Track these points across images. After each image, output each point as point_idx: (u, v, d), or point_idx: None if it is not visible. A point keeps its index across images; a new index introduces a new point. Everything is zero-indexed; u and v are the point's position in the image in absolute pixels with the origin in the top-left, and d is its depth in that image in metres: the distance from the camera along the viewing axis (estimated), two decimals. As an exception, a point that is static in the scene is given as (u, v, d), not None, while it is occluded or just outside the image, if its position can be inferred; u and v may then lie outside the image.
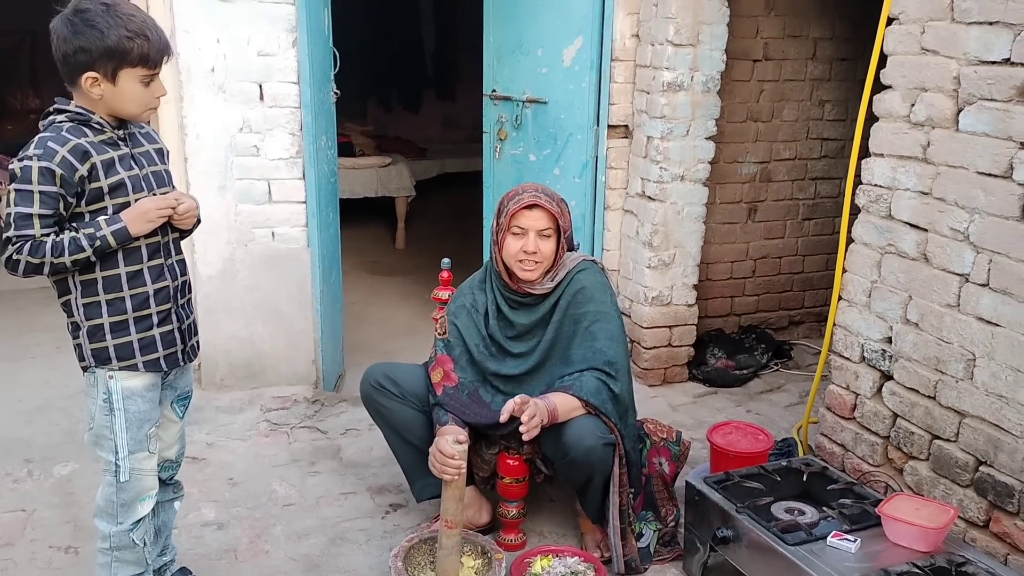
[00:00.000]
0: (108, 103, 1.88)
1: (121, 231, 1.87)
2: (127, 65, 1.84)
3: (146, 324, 1.97)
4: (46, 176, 1.80)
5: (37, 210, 1.80)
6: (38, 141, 1.83)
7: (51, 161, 1.80)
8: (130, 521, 2.05)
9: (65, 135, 1.84)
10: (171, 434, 2.20)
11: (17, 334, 4.23)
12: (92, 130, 1.88)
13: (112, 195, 1.89)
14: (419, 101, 9.01)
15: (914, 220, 2.44)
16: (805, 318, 4.45)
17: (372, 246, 6.18)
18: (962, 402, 2.31)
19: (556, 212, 2.42)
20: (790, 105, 4.05)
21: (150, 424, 2.04)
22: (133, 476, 2.03)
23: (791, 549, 2.10)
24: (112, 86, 1.85)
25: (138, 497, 2.05)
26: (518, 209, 2.41)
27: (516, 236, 2.42)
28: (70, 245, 1.83)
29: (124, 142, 1.94)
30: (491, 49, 3.94)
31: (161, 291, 1.99)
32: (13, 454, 3.07)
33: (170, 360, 2.04)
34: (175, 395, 2.16)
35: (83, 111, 1.88)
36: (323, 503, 2.84)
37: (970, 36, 2.23)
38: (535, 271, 2.43)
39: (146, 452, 2.04)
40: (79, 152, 1.83)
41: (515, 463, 2.56)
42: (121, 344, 1.95)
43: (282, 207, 3.49)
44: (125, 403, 1.98)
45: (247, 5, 3.26)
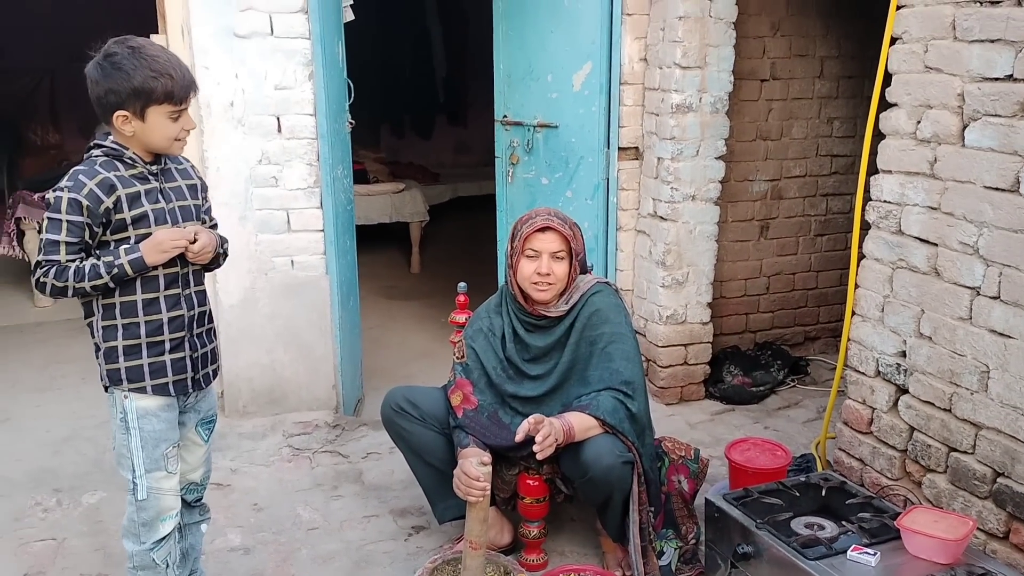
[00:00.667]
0: (139, 138, 1.99)
1: (137, 260, 1.97)
2: (154, 103, 1.94)
3: (158, 350, 2.05)
4: (74, 207, 1.92)
5: (64, 238, 1.93)
6: (71, 173, 1.96)
7: (79, 193, 1.92)
8: (151, 540, 2.11)
9: (97, 169, 1.96)
10: (196, 457, 2.25)
11: (43, 365, 4.31)
12: (124, 164, 2.00)
13: (135, 226, 1.99)
14: (431, 127, 9.12)
15: (924, 235, 2.47)
16: (821, 333, 4.47)
17: (387, 271, 6.25)
18: (977, 414, 2.33)
19: (568, 235, 2.47)
20: (799, 123, 4.10)
21: (167, 444, 2.09)
22: (151, 495, 2.08)
23: (811, 564, 2.12)
24: (142, 123, 1.96)
25: (158, 516, 2.11)
26: (531, 232, 2.46)
27: (530, 259, 2.47)
28: (90, 271, 1.94)
29: (155, 176, 2.04)
30: (502, 75, 4.01)
31: (176, 319, 2.07)
32: (42, 484, 3.13)
33: (179, 386, 2.10)
34: (199, 418, 2.22)
35: (117, 147, 2.00)
36: (347, 526, 2.88)
37: (972, 54, 2.28)
38: (548, 292, 2.48)
39: (164, 472, 2.09)
40: (106, 185, 1.94)
41: (535, 483, 2.60)
42: (132, 367, 2.03)
43: (301, 236, 3.56)
44: (140, 422, 2.05)
45: (264, 41, 3.35)
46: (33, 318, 5.10)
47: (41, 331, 4.85)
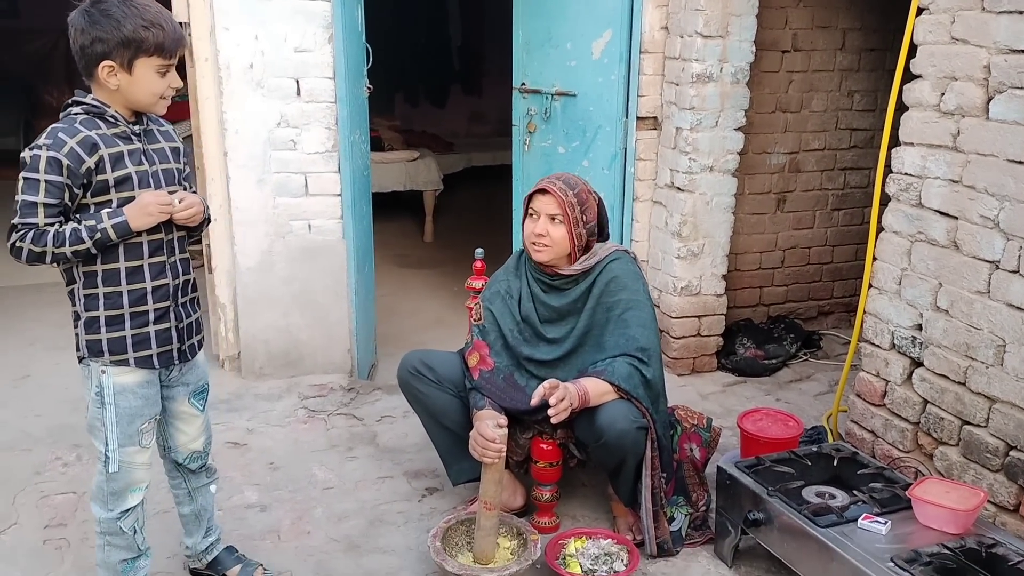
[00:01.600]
0: (124, 93, 1.89)
1: (122, 224, 1.87)
2: (143, 54, 1.85)
3: (142, 320, 1.97)
4: (53, 166, 1.81)
5: (42, 199, 1.82)
6: (50, 131, 1.85)
7: (59, 151, 1.82)
8: (119, 510, 2.07)
9: (77, 127, 1.86)
10: (195, 427, 2.22)
11: (60, 324, 4.34)
12: (106, 123, 1.90)
13: (117, 188, 1.90)
14: (445, 96, 9.10)
15: (944, 208, 2.46)
16: (834, 308, 4.47)
17: (401, 239, 6.26)
18: (992, 388, 2.34)
19: (562, 200, 2.45)
20: (819, 95, 4.07)
21: (143, 420, 2.04)
22: (122, 468, 2.04)
23: (822, 531, 2.14)
24: (128, 75, 1.86)
25: (128, 488, 2.07)
26: (533, 192, 2.52)
27: (530, 218, 2.52)
28: (71, 236, 1.84)
29: (138, 137, 1.95)
30: (520, 43, 3.99)
31: (160, 288, 1.99)
32: (62, 439, 3.18)
33: (163, 358, 2.03)
34: (189, 390, 2.17)
35: (99, 104, 1.89)
36: (361, 487, 2.92)
37: (1000, 25, 2.25)
38: (544, 254, 2.50)
39: (137, 446, 2.04)
40: (88, 144, 1.85)
41: (549, 447, 2.62)
42: (114, 338, 1.95)
43: (318, 200, 3.57)
44: (116, 398, 1.99)
45: (285, 3, 3.34)
46: (49, 278, 5.10)
47: (57, 291, 4.83)
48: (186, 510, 2.35)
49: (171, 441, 2.22)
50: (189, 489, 2.32)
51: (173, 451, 2.24)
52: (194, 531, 2.37)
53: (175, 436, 2.22)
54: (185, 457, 2.25)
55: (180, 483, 2.31)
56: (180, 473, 2.30)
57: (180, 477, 2.30)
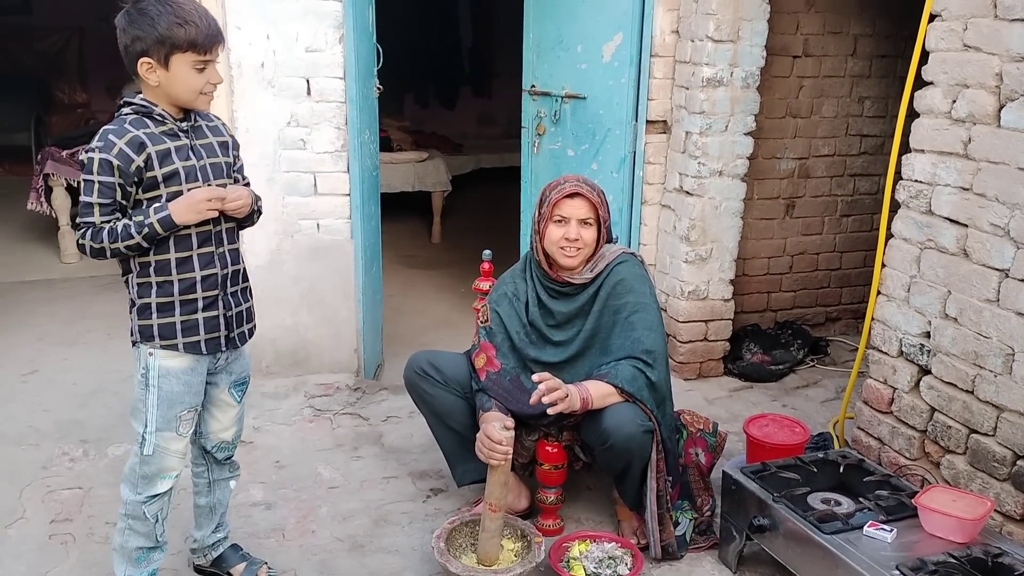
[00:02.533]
0: (165, 89, 1.96)
1: (166, 219, 1.95)
2: (177, 50, 1.92)
3: (191, 308, 2.05)
4: (104, 167, 1.92)
5: (96, 199, 1.93)
6: (101, 133, 1.95)
7: (109, 153, 1.91)
8: (147, 494, 2.12)
9: (127, 127, 1.95)
10: (229, 417, 2.28)
11: (70, 320, 4.38)
12: (154, 121, 1.98)
13: (166, 184, 1.98)
14: (455, 97, 9.10)
15: (954, 216, 2.45)
16: (842, 315, 4.45)
17: (409, 240, 6.27)
18: (1000, 396, 2.33)
19: (597, 201, 2.48)
20: (829, 101, 4.06)
21: (183, 407, 2.10)
22: (157, 452, 2.09)
23: (827, 538, 2.14)
24: (166, 71, 1.93)
25: (159, 473, 2.12)
26: (560, 198, 2.48)
27: (558, 224, 2.48)
28: (123, 232, 1.94)
29: (185, 133, 2.03)
30: (531, 45, 3.99)
31: (209, 278, 2.07)
32: (70, 435, 3.20)
33: (211, 344, 2.10)
34: (231, 380, 2.23)
35: (146, 103, 1.98)
36: (366, 486, 2.92)
37: (1013, 33, 2.25)
38: (576, 258, 2.49)
39: (174, 433, 2.10)
40: (136, 143, 1.93)
41: (554, 450, 2.62)
42: (165, 324, 2.04)
43: (327, 199, 3.58)
44: (160, 381, 2.06)
45: (296, 2, 3.35)
46: (59, 273, 5.17)
47: (68, 286, 4.92)
48: (202, 501, 2.37)
49: (204, 427, 2.26)
50: (210, 480, 2.35)
51: (204, 436, 2.28)
52: (205, 524, 2.39)
53: (208, 422, 2.26)
54: (214, 445, 2.29)
55: (203, 472, 2.34)
56: (205, 461, 2.33)
57: (204, 465, 2.34)
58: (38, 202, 5.37)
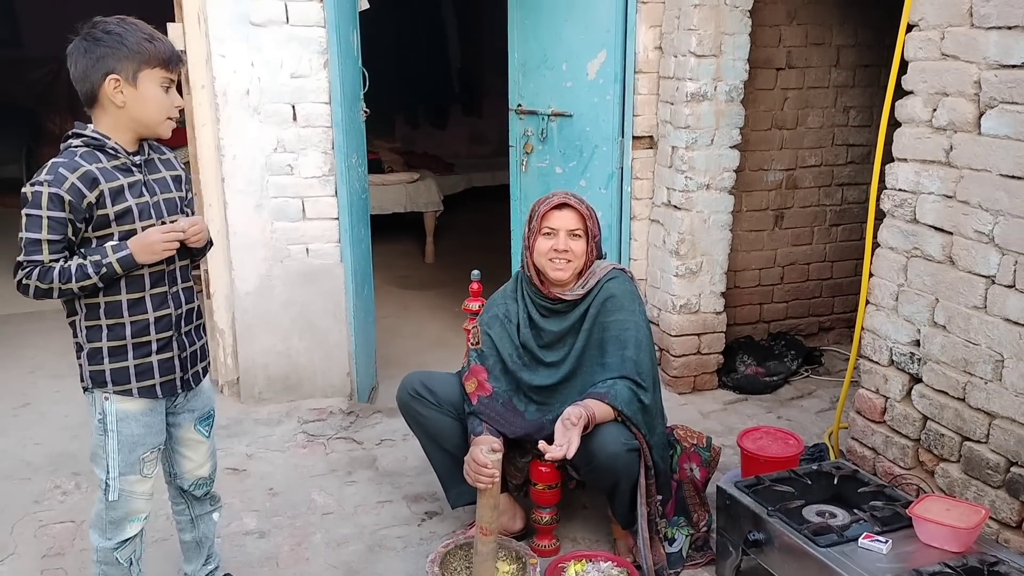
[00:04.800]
0: (131, 111, 1.90)
1: (127, 259, 1.88)
2: (146, 66, 1.87)
3: (144, 351, 1.98)
4: (55, 202, 1.82)
5: (46, 236, 1.83)
6: (50, 166, 1.85)
7: (60, 187, 1.82)
8: (117, 539, 2.07)
9: (77, 160, 1.86)
10: (201, 454, 2.22)
11: (62, 352, 4.35)
12: (106, 155, 1.90)
13: (118, 222, 1.90)
14: (445, 117, 9.13)
15: (939, 223, 2.46)
16: (835, 324, 4.45)
17: (402, 261, 6.27)
18: (991, 403, 2.32)
19: (585, 213, 2.49)
20: (815, 112, 4.08)
21: (144, 448, 2.03)
22: (122, 497, 2.03)
23: (823, 551, 2.12)
24: (134, 89, 1.88)
25: (126, 517, 2.06)
26: (548, 210, 2.49)
27: (547, 236, 2.49)
28: (77, 272, 1.85)
29: (138, 168, 1.95)
30: (516, 64, 4.01)
31: (163, 319, 2.00)
32: (62, 468, 3.18)
33: (166, 387, 2.03)
34: (195, 417, 2.17)
35: (99, 136, 1.90)
36: (361, 511, 2.90)
37: (989, 41, 2.26)
38: (566, 270, 2.49)
39: (138, 476, 2.04)
40: (88, 179, 1.85)
41: (547, 470, 2.61)
42: (117, 369, 1.96)
43: (316, 224, 3.58)
44: (119, 425, 1.99)
45: (280, 29, 3.37)
46: (51, 305, 5.10)
47: (59, 318, 4.82)
48: (188, 537, 2.34)
49: (177, 468, 2.22)
50: (192, 516, 2.31)
51: (179, 478, 2.24)
52: (194, 558, 2.36)
53: (181, 463, 2.21)
54: (191, 484, 2.24)
55: (184, 510, 2.31)
56: (184, 500, 2.29)
57: (184, 504, 2.30)
58: (29, 234, 5.35)
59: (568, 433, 2.26)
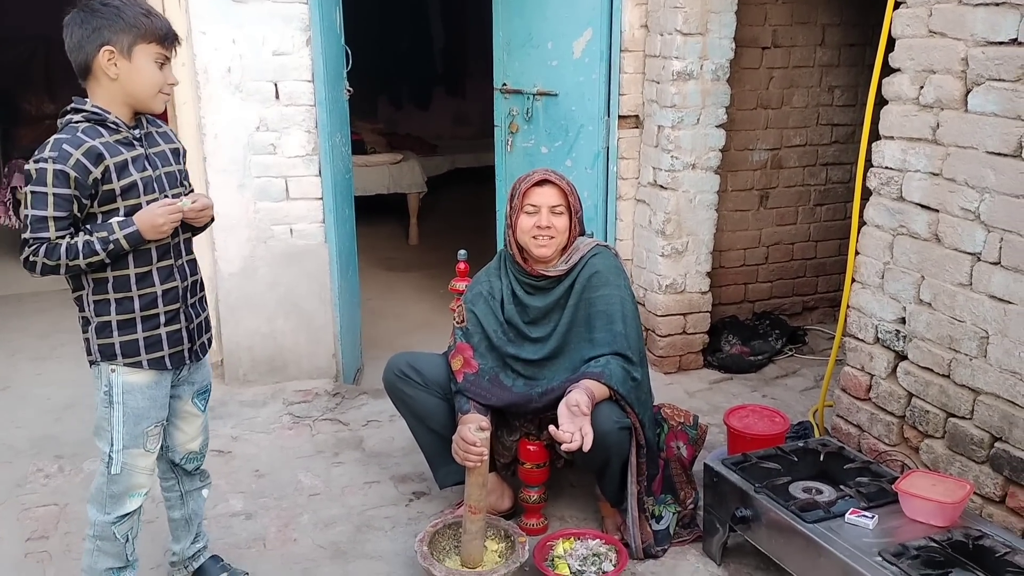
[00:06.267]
0: (123, 84, 1.89)
1: (134, 234, 1.88)
2: (142, 40, 1.87)
3: (153, 323, 1.99)
4: (60, 179, 1.81)
5: (51, 212, 1.83)
6: (53, 143, 1.84)
7: (65, 164, 1.81)
8: (116, 514, 2.07)
9: (80, 136, 1.85)
10: (194, 427, 2.23)
11: (43, 334, 4.31)
12: (108, 130, 1.90)
13: (124, 197, 1.91)
14: (429, 98, 9.06)
15: (925, 201, 2.47)
16: (819, 303, 4.48)
17: (386, 242, 6.24)
18: (976, 380, 2.34)
19: (567, 189, 2.49)
20: (799, 92, 4.08)
21: (149, 422, 2.05)
22: (124, 470, 2.04)
23: (809, 527, 2.14)
24: (128, 62, 1.87)
25: (128, 492, 2.07)
26: (529, 187, 2.49)
27: (529, 214, 2.48)
28: (84, 248, 1.85)
29: (139, 142, 1.95)
30: (501, 43, 3.98)
31: (170, 291, 2.01)
32: (44, 450, 3.15)
33: (175, 359, 2.05)
34: (194, 390, 2.19)
35: (99, 111, 1.89)
36: (348, 492, 2.90)
37: (977, 18, 2.26)
38: (549, 247, 2.48)
39: (142, 449, 2.05)
40: (93, 155, 1.84)
41: (535, 449, 2.61)
42: (127, 341, 1.97)
43: (300, 204, 3.55)
44: (125, 397, 2.00)
45: (261, 5, 3.32)
46: (31, 287, 5.07)
47: (39, 300, 4.84)
48: (176, 514, 2.33)
49: (169, 440, 2.22)
50: (182, 492, 2.30)
51: (171, 450, 2.23)
52: (182, 536, 2.35)
53: (174, 435, 2.21)
54: (182, 457, 2.24)
55: (173, 485, 2.30)
56: (175, 474, 2.29)
57: (174, 479, 2.29)
58: (6, 215, 5.30)
59: (578, 421, 2.25)
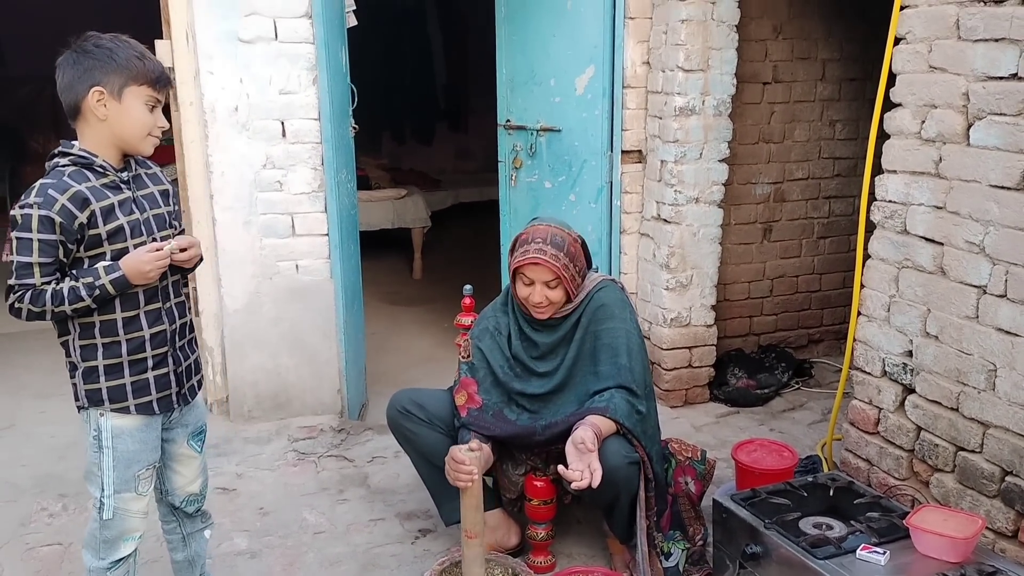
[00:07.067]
0: (112, 126, 1.88)
1: (120, 280, 1.87)
2: (133, 82, 1.87)
3: (140, 368, 1.97)
4: (46, 224, 1.80)
5: (37, 259, 1.81)
6: (39, 188, 1.83)
7: (51, 209, 1.80)
8: (110, 559, 2.05)
9: (66, 180, 1.84)
10: (192, 469, 2.21)
11: (47, 371, 4.30)
12: (94, 174, 1.88)
13: (111, 241, 1.89)
14: (432, 133, 9.15)
15: (929, 234, 2.47)
16: (824, 336, 4.47)
17: (390, 277, 6.25)
18: (985, 413, 2.33)
19: (559, 267, 2.42)
20: (801, 126, 4.11)
21: (140, 466, 2.02)
22: (117, 515, 2.02)
23: (820, 563, 2.11)
24: (118, 104, 1.86)
25: (121, 537, 2.05)
26: (524, 263, 2.44)
27: (523, 284, 2.47)
28: (70, 294, 1.84)
29: (127, 184, 1.94)
30: (504, 80, 4.02)
31: (158, 335, 1.99)
32: (48, 489, 3.13)
33: (163, 403, 2.03)
34: (188, 432, 2.16)
35: (86, 154, 1.88)
36: (353, 530, 2.87)
37: (976, 53, 2.28)
38: (546, 313, 2.49)
39: (133, 493, 2.02)
40: (79, 200, 1.83)
41: (542, 484, 2.59)
42: (114, 387, 1.95)
43: (305, 240, 3.56)
44: (114, 441, 1.98)
45: (269, 46, 3.36)
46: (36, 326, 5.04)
47: (44, 338, 4.83)
48: (179, 556, 2.30)
49: (168, 484, 2.20)
50: (184, 534, 2.28)
51: (170, 494, 2.21)
52: None
53: (172, 479, 2.19)
54: (182, 500, 2.22)
55: (175, 528, 2.28)
56: (176, 517, 2.26)
57: (175, 522, 2.27)
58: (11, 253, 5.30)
59: (586, 459, 2.23)
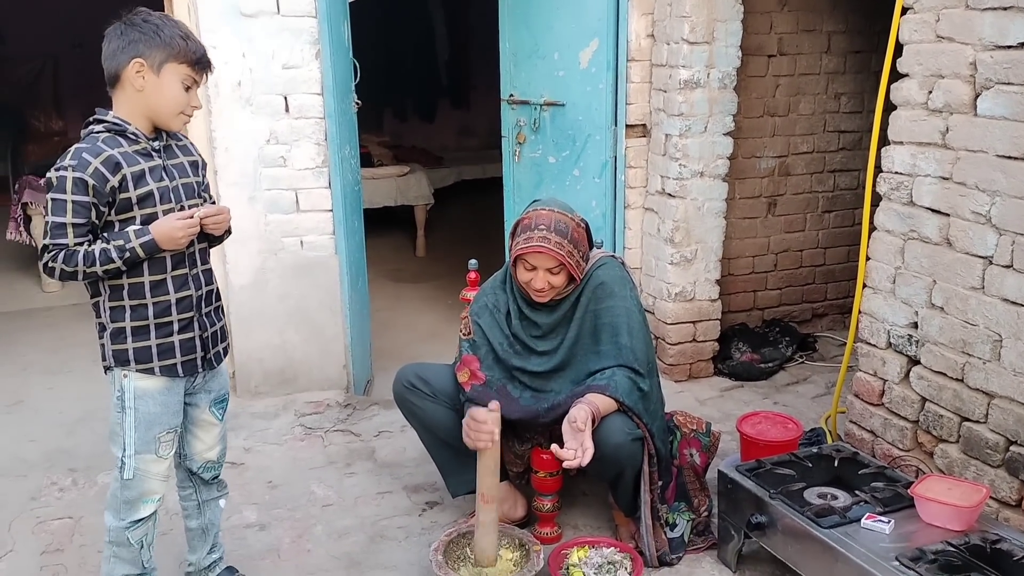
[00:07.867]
0: (147, 98, 1.94)
1: (149, 243, 1.93)
2: (174, 59, 1.93)
3: (166, 331, 2.03)
4: (79, 186, 1.87)
5: (70, 219, 1.89)
6: (74, 151, 1.90)
7: (84, 172, 1.87)
8: (130, 519, 2.09)
9: (100, 146, 1.91)
10: (212, 436, 2.25)
11: (53, 348, 4.33)
12: (127, 140, 1.95)
13: (140, 205, 1.96)
14: (434, 110, 9.11)
15: (935, 205, 2.47)
16: (828, 310, 4.47)
17: (393, 254, 6.25)
18: (990, 383, 2.34)
19: (563, 255, 2.39)
20: (806, 99, 4.09)
21: (161, 428, 2.07)
22: (137, 475, 2.06)
23: (826, 532, 2.13)
24: (156, 78, 1.92)
25: (141, 497, 2.09)
26: (526, 249, 2.40)
27: (525, 270, 2.45)
28: (101, 256, 1.90)
29: (158, 153, 2.01)
30: (507, 54, 4.00)
31: (184, 300, 2.04)
32: (58, 464, 3.16)
33: (188, 366, 2.08)
34: (211, 398, 2.21)
35: (120, 122, 1.95)
36: (361, 503, 2.90)
37: (985, 22, 2.27)
38: (547, 296, 2.47)
39: (154, 455, 2.07)
40: (111, 163, 1.90)
41: (548, 457, 2.60)
42: (140, 348, 2.01)
43: (310, 216, 3.56)
44: (136, 402, 2.03)
45: (271, 19, 3.34)
46: (41, 303, 5.12)
47: (50, 315, 4.87)
48: (193, 524, 2.34)
49: (187, 448, 2.23)
50: (199, 501, 2.32)
51: (188, 459, 2.25)
52: (199, 547, 2.36)
53: (192, 443, 2.23)
54: (199, 466, 2.26)
55: (191, 494, 2.31)
56: (192, 483, 2.30)
57: (192, 488, 2.30)
58: (17, 231, 5.32)
59: (579, 437, 2.24)
